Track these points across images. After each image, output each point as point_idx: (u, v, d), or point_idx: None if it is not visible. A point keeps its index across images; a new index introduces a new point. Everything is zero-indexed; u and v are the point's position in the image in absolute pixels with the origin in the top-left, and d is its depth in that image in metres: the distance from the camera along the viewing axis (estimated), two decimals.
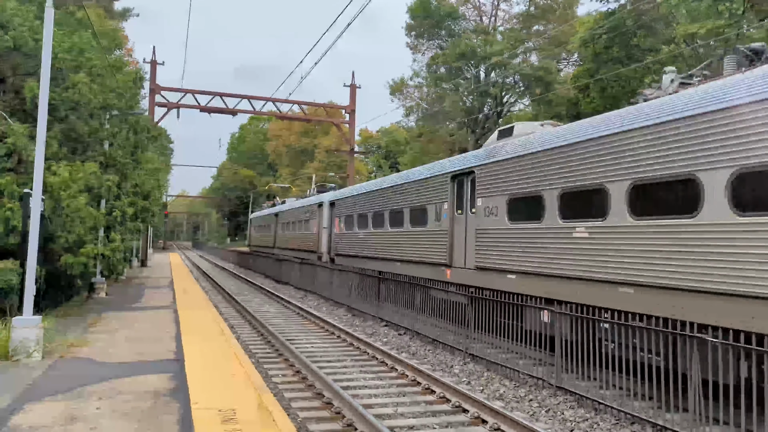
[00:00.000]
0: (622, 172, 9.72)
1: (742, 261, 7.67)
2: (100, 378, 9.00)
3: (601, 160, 10.22)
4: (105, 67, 18.02)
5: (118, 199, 18.28)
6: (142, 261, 43.51)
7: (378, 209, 20.14)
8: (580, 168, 10.67)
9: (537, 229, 11.67)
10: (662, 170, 8.95)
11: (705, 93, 8.66)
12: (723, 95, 8.26)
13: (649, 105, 9.79)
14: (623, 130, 9.83)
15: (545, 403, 9.22)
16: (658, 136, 9.10)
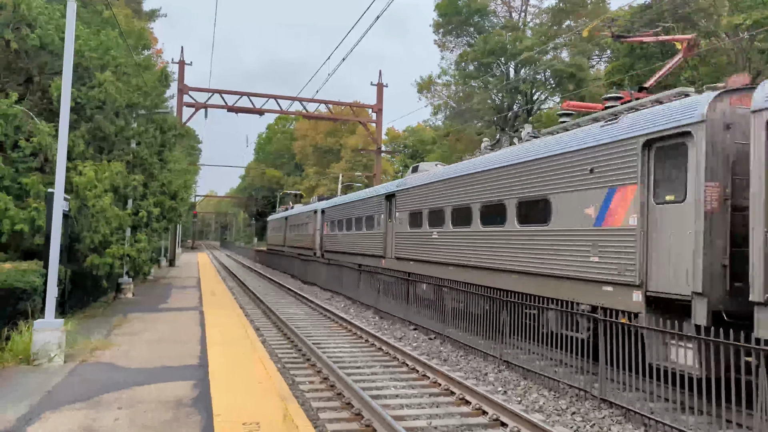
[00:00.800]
0: (453, 199, 16.18)
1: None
2: (121, 385, 8.68)
3: (444, 192, 16.86)
4: (131, 66, 17.85)
5: (145, 199, 18.07)
6: (171, 261, 43.68)
7: (347, 217, 27.38)
8: (437, 196, 17.37)
9: (420, 233, 18.59)
10: (491, 197, 14.15)
11: None
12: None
13: (485, 157, 15.13)
14: (466, 173, 15.54)
15: (589, 417, 8.62)
16: (489, 177, 14.26)
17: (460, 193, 15.69)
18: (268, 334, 15.41)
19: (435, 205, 17.42)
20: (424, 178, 18.69)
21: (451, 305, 14.39)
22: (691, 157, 8.72)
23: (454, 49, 40.71)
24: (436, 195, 17.40)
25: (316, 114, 49.33)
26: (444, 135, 42.93)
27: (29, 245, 13.60)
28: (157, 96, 20.55)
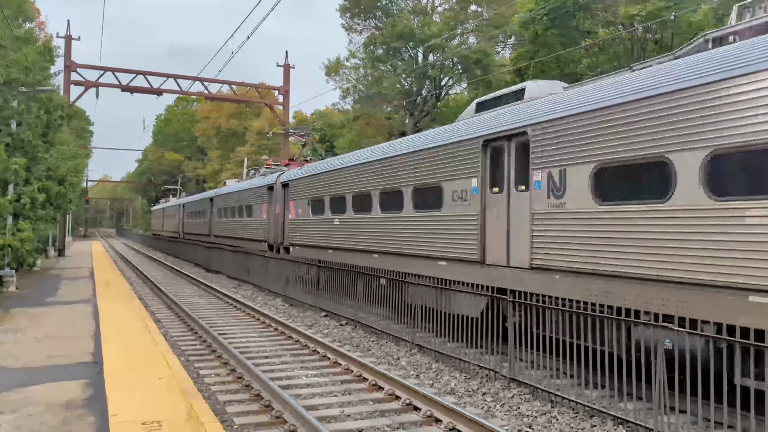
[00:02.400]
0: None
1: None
2: (3, 387, 7.89)
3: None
4: (9, 38, 16.21)
5: (28, 185, 16.57)
6: (60, 250, 40.80)
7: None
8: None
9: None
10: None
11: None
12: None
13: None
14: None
15: (499, 397, 8.74)
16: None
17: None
18: (170, 326, 14.64)
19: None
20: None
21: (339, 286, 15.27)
22: None
23: (362, 32, 40.40)
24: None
25: (219, 95, 47.53)
26: (353, 119, 42.67)
27: None
28: (40, 72, 18.81)
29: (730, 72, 7.00)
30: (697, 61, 7.67)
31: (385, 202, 14.60)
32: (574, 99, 9.38)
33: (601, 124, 8.62)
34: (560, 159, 9.33)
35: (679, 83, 7.60)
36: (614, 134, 8.39)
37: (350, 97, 43.45)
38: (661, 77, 7.97)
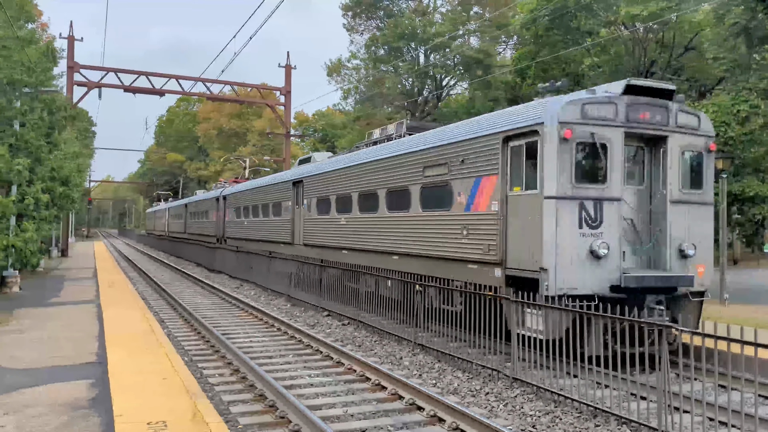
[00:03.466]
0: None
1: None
2: (8, 388, 7.92)
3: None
4: (12, 39, 16.25)
5: (32, 185, 16.61)
6: (63, 251, 40.90)
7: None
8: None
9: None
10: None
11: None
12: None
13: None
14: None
15: (502, 396, 8.75)
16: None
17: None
18: (173, 326, 14.67)
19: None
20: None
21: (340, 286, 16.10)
22: None
23: (363, 33, 40.37)
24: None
25: (221, 96, 47.55)
26: (354, 119, 42.65)
27: None
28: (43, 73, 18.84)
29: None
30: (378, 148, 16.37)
31: (261, 210, 25.72)
32: (322, 166, 19.69)
33: (329, 177, 18.54)
34: (312, 193, 19.63)
35: (371, 156, 16.04)
36: (332, 182, 18.19)
37: (351, 98, 43.48)
38: (363, 153, 17.01)
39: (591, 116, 9.85)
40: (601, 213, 9.84)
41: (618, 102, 10.00)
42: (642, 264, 10.41)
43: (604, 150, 9.88)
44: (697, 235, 10.54)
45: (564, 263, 9.57)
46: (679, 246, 10.34)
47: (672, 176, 10.36)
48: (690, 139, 10.58)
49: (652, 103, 10.23)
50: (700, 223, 10.66)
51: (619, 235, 9.97)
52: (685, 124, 10.52)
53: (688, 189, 10.59)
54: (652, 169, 10.55)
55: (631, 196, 10.38)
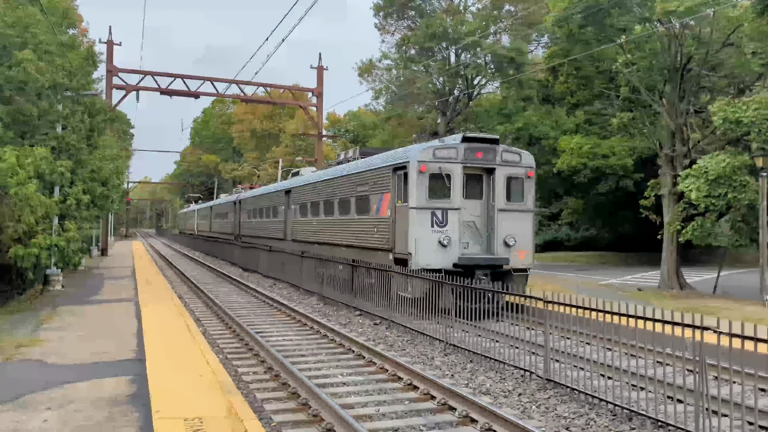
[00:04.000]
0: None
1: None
2: (51, 383, 8.17)
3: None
4: (55, 44, 16.77)
5: (73, 186, 17.12)
6: (103, 250, 41.96)
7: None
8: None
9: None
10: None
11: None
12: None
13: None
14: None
15: (535, 398, 8.70)
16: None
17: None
18: (208, 324, 14.93)
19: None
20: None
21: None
22: None
23: (395, 33, 40.40)
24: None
25: (255, 97, 48.13)
26: (385, 119, 42.72)
27: None
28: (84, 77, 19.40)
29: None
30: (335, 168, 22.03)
31: (264, 212, 31.97)
32: (303, 179, 24.41)
33: (311, 188, 23.16)
34: (296, 200, 24.57)
35: (329, 175, 21.50)
36: (308, 192, 23.47)
37: (383, 98, 43.56)
38: (316, 175, 23.85)
39: (439, 157, 15.17)
40: (446, 218, 15.17)
41: (458, 147, 15.38)
42: (481, 251, 15.64)
43: (448, 178, 15.15)
44: (518, 232, 15.75)
45: (422, 249, 14.92)
46: (504, 239, 15.54)
47: (499, 194, 15.60)
48: (513, 170, 15.85)
49: (483, 147, 15.59)
50: (520, 224, 15.88)
51: (459, 232, 15.25)
52: (509, 160, 15.79)
53: (511, 202, 15.81)
54: (487, 189, 15.70)
55: (472, 207, 15.57)
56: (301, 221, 24.80)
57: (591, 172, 27.51)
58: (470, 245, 15.56)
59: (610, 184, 31.34)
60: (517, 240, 15.67)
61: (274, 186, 32.93)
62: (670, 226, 22.24)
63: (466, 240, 15.50)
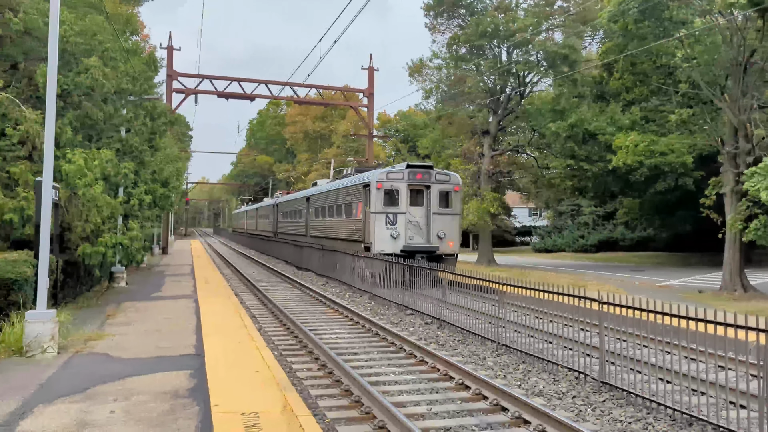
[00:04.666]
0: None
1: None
2: (116, 376, 8.55)
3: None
4: (119, 51, 17.49)
5: (136, 187, 17.82)
6: (163, 248, 43.42)
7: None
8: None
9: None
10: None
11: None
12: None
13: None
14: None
15: (590, 401, 8.56)
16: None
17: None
18: (263, 321, 15.29)
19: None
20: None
21: None
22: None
23: (445, 32, 40.19)
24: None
25: (307, 99, 48.85)
26: (436, 118, 42.58)
27: (20, 235, 13.37)
28: (146, 82, 20.16)
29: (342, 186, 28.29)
30: (326, 184, 32.51)
31: (294, 214, 38.66)
32: (320, 188, 31.59)
33: (321, 196, 30.55)
34: (314, 205, 31.88)
35: (331, 187, 29.60)
36: (319, 199, 31.62)
37: (433, 97, 43.40)
38: (323, 187, 32.09)
39: (391, 178, 22.13)
40: (396, 219, 22.04)
41: (404, 171, 22.44)
42: (422, 241, 22.21)
43: (397, 193, 22.13)
44: (447, 229, 22.36)
45: (379, 240, 21.70)
46: (437, 233, 22.21)
47: (434, 202, 22.33)
48: (444, 186, 22.61)
49: (422, 171, 22.52)
50: (449, 224, 22.52)
51: (405, 228, 22.04)
52: (441, 179, 22.59)
53: (442, 208, 22.53)
54: (426, 199, 22.42)
55: (415, 212, 22.35)
56: (315, 221, 32.16)
57: (648, 170, 26.65)
58: (414, 237, 22.30)
59: (669, 182, 30.30)
60: (446, 234, 22.43)
61: (299, 193, 40.09)
62: (732, 226, 21.37)
63: (411, 234, 22.30)
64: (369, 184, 22.60)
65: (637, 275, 30.08)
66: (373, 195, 22.19)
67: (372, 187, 22.28)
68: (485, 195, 36.10)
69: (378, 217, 21.99)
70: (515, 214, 52.89)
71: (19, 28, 13.40)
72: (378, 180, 22.24)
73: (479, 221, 35.65)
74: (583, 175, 33.40)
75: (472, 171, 38.66)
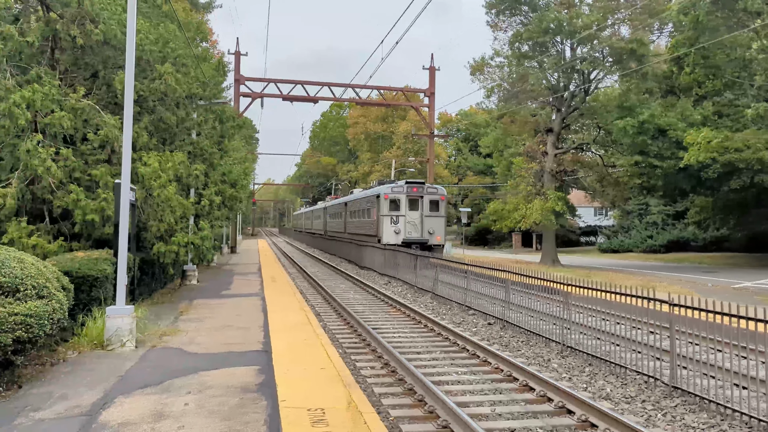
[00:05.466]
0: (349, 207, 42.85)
1: (367, 227, 35.19)
2: (189, 370, 8.92)
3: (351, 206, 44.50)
4: (190, 57, 18.19)
5: (206, 188, 18.49)
6: (232, 248, 44.76)
7: (338, 211, 46.93)
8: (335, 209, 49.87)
9: (328, 220, 54.01)
10: (343, 217, 43.55)
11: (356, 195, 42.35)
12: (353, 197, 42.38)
13: (354, 196, 41.81)
14: (357, 198, 39.40)
15: (660, 405, 8.32)
16: (339, 210, 45.91)
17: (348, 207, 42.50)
18: (328, 319, 15.58)
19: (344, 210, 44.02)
20: (347, 198, 44.23)
21: None
22: None
23: (507, 29, 39.63)
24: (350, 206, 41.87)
25: (369, 100, 49.26)
26: (498, 117, 42.05)
27: (100, 234, 14.09)
28: (215, 86, 20.89)
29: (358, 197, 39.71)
30: (357, 194, 41.93)
31: (338, 216, 46.85)
32: (354, 196, 40.95)
33: (353, 203, 40.37)
34: (349, 209, 41.26)
35: (359, 195, 39.29)
36: (350, 205, 41.56)
37: (495, 96, 42.88)
38: (338, 200, 48.86)
39: (395, 191, 30.78)
40: (399, 220, 30.50)
41: (404, 186, 31.14)
42: (417, 236, 30.22)
43: (399, 202, 30.77)
44: (435, 227, 30.67)
45: (386, 235, 30.09)
46: (428, 230, 30.37)
47: (425, 208, 30.73)
48: (433, 196, 31.01)
49: (417, 185, 31.23)
50: (437, 223, 30.79)
51: (404, 226, 30.30)
52: (431, 191, 31.06)
53: (432, 212, 30.85)
54: (420, 206, 30.70)
55: (413, 215, 30.61)
56: (350, 221, 40.95)
57: (721, 167, 25.43)
58: (412, 233, 30.65)
59: (744, 179, 28.84)
60: (435, 231, 30.93)
61: (340, 199, 49.37)
62: None
63: (409, 230, 30.70)
64: (379, 196, 31.66)
65: (709, 277, 28.82)
66: (382, 203, 31.29)
67: (381, 197, 31.28)
68: (549, 194, 35.42)
69: (386, 219, 30.85)
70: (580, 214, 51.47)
71: (99, 38, 14.16)
72: (385, 192, 31.18)
73: (543, 221, 35.01)
74: (652, 172, 32.28)
75: (534, 169, 38.00)
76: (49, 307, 8.15)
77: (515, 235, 65.28)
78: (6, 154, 13.11)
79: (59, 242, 13.17)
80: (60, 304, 8.49)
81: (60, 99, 13.50)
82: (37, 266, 8.70)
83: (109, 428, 6.41)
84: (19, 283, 8.02)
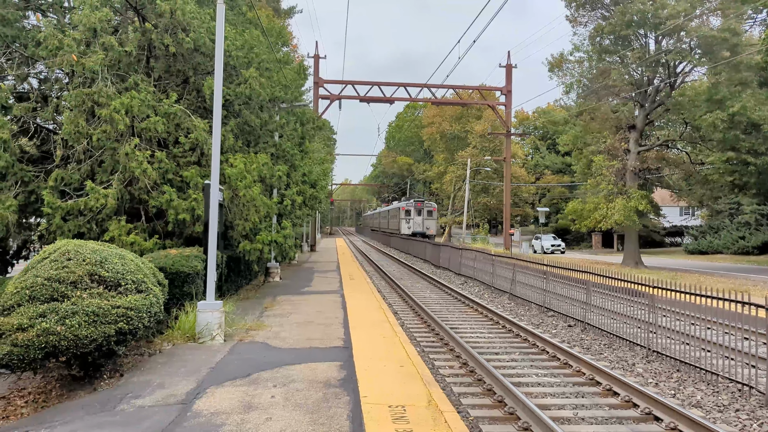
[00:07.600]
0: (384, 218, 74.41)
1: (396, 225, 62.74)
2: (275, 364, 9.27)
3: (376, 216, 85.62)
4: (272, 62, 18.82)
5: (288, 188, 19.07)
6: (312, 246, 45.85)
7: (383, 214, 75.80)
8: (380, 215, 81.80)
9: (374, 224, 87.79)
10: (386, 219, 72.03)
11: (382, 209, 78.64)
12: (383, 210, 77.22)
13: (386, 209, 75.19)
14: (388, 209, 72.74)
15: (756, 415, 7.92)
16: (386, 214, 74.34)
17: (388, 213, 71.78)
18: (405, 317, 15.73)
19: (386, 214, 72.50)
20: (383, 209, 77.59)
21: None
22: None
23: (587, 23, 38.45)
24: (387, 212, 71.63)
25: (444, 100, 49.10)
26: (577, 114, 40.87)
27: (190, 233, 14.84)
28: (296, 89, 21.47)
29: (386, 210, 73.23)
30: (386, 207, 76.62)
31: (382, 217, 77.84)
32: (395, 204, 68.62)
33: (388, 211, 72.62)
34: (390, 215, 69.47)
35: (385, 210, 75.41)
36: (385, 215, 74.73)
37: (574, 92, 41.70)
38: (384, 208, 78.37)
39: (408, 206, 58.01)
40: (410, 221, 57.39)
41: (413, 201, 58.71)
42: (420, 231, 56.45)
43: (410, 210, 57.65)
44: (430, 225, 57.17)
45: (403, 229, 57.00)
46: (426, 227, 56.97)
47: (424, 214, 57.50)
48: (428, 208, 57.86)
49: (420, 202, 58.55)
50: (431, 224, 57.44)
51: (412, 225, 57.28)
52: (427, 206, 57.84)
53: (428, 217, 57.75)
54: (421, 213, 57.48)
55: (418, 218, 57.34)
56: (392, 221, 62.45)
57: None
58: (416, 228, 55.44)
59: None
60: (429, 227, 56.18)
61: (392, 204, 68.92)
62: None
63: (415, 227, 55.90)
64: (399, 208, 58.29)
65: None
66: (401, 212, 57.47)
67: (400, 209, 57.61)
68: (632, 193, 34.13)
69: (402, 220, 56.79)
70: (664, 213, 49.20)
71: (190, 46, 14.91)
72: (402, 205, 57.77)
73: (625, 221, 33.78)
74: (744, 169, 30.48)
75: (616, 168, 36.71)
76: (147, 300, 8.70)
77: (595, 235, 63.34)
78: (107, 157, 14.02)
79: (154, 240, 13.95)
80: (156, 298, 9.05)
81: (154, 104, 14.31)
82: (135, 262, 9.31)
83: (202, 417, 6.80)
84: (120, 278, 8.60)
